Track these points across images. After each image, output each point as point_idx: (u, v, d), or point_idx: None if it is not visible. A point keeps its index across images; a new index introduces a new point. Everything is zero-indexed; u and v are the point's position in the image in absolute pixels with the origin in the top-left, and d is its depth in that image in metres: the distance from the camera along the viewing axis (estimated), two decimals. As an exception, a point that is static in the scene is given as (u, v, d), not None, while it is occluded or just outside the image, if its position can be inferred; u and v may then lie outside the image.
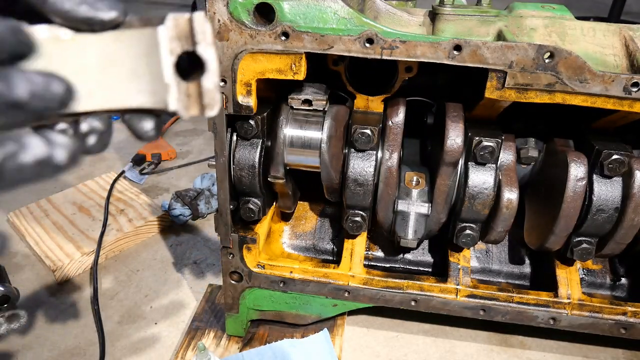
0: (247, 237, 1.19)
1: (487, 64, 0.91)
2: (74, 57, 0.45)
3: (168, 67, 0.44)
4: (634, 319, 1.17)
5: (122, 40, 0.46)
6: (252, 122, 1.07)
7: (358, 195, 1.13)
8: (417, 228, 1.12)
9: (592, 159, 1.05)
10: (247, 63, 0.97)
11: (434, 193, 1.11)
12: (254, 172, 1.12)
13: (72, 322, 1.43)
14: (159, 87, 0.45)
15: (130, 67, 0.46)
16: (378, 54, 0.93)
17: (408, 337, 1.40)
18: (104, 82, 0.46)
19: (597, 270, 1.35)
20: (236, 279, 1.25)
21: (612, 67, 1.03)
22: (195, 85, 0.44)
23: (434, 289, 1.22)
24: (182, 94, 0.44)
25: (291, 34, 0.92)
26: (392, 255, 1.41)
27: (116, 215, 1.78)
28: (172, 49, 0.44)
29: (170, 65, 0.44)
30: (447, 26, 1.07)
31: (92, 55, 0.46)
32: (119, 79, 0.46)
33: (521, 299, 1.20)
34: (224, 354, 1.31)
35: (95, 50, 0.46)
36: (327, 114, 1.12)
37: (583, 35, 1.05)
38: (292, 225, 1.46)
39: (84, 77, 0.45)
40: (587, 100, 0.93)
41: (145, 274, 1.62)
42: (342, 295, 1.24)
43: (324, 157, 1.11)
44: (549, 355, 1.34)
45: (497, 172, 1.09)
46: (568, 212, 1.04)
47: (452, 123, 1.05)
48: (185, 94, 0.44)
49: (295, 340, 1.29)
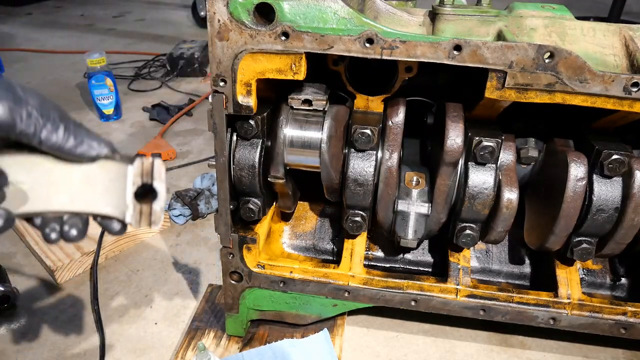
0: (247, 237, 1.19)
1: (487, 64, 0.91)
2: (63, 173, 0.66)
3: (130, 193, 0.65)
4: (634, 319, 1.17)
5: (102, 168, 0.67)
6: (252, 122, 1.07)
7: (358, 195, 1.13)
8: (417, 228, 1.12)
9: (592, 159, 1.05)
10: (247, 63, 0.97)
11: (434, 193, 1.11)
12: (254, 172, 1.12)
13: (72, 322, 1.43)
14: (122, 204, 0.66)
15: (104, 186, 0.67)
16: (378, 54, 0.93)
17: (408, 337, 1.40)
18: (84, 193, 0.67)
19: (597, 270, 1.35)
20: (236, 279, 1.25)
21: (612, 67, 1.03)
22: (147, 207, 0.66)
23: (434, 289, 1.22)
24: (137, 213, 0.65)
25: (291, 34, 0.92)
26: (392, 255, 1.41)
27: (116, 215, 1.78)
28: (135, 181, 0.65)
29: (131, 192, 0.65)
30: (447, 26, 1.07)
31: (77, 173, 0.66)
32: (94, 193, 0.67)
33: (521, 299, 1.20)
34: (224, 354, 1.31)
35: (81, 170, 0.67)
36: (327, 114, 1.12)
37: (583, 35, 1.05)
38: (292, 225, 1.46)
39: (69, 187, 0.66)
40: (587, 100, 0.93)
41: (145, 274, 1.62)
42: (342, 295, 1.24)
43: (324, 157, 1.11)
44: (549, 355, 1.34)
45: (497, 172, 1.09)
46: (568, 212, 1.04)
47: (452, 123, 1.05)
48: (138, 213, 0.65)
49: (295, 340, 1.29)
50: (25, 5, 5.50)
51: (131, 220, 0.66)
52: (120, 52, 3.81)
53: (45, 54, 3.86)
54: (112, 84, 2.63)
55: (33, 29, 4.60)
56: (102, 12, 5.29)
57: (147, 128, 2.64)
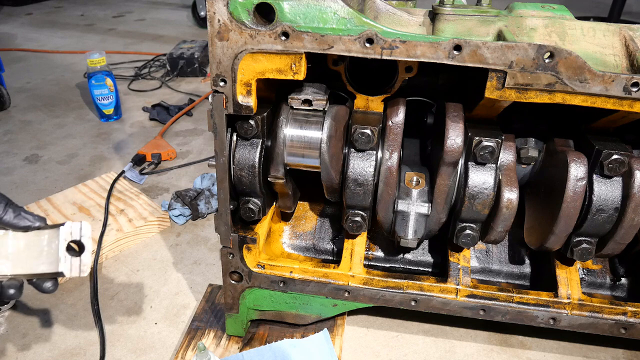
0: (247, 237, 1.19)
1: (487, 64, 0.91)
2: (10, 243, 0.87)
3: (62, 248, 0.83)
4: (634, 319, 1.17)
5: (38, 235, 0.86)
6: (252, 122, 1.07)
7: (358, 195, 1.13)
8: (417, 228, 1.12)
9: (592, 159, 1.05)
10: (247, 63, 0.97)
11: (434, 193, 1.11)
12: (254, 172, 1.12)
13: (72, 322, 1.43)
14: (54, 260, 0.83)
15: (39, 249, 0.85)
16: (378, 54, 0.93)
17: (408, 337, 1.40)
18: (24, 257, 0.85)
19: (597, 270, 1.35)
20: (236, 279, 1.25)
21: (612, 67, 1.03)
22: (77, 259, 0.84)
23: (434, 289, 1.22)
24: (68, 263, 0.82)
25: (291, 34, 0.92)
26: (392, 255, 1.41)
27: (116, 215, 1.78)
28: (66, 238, 0.83)
29: (64, 247, 0.83)
30: (447, 26, 1.07)
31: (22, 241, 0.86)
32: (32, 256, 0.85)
33: (521, 299, 1.20)
34: (224, 354, 1.31)
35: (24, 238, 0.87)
36: (327, 114, 1.12)
37: (583, 35, 1.05)
38: (292, 225, 1.46)
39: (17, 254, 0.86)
40: (587, 100, 0.93)
41: (145, 274, 1.62)
42: (342, 295, 1.24)
43: (324, 157, 1.11)
44: (549, 355, 1.35)
45: (497, 172, 1.09)
46: (568, 212, 1.04)
47: (452, 123, 1.05)
48: (70, 263, 0.82)
49: (295, 340, 1.29)
50: (25, 5, 5.51)
51: (64, 269, 0.82)
52: (120, 52, 3.81)
53: (45, 54, 3.86)
54: (112, 84, 2.63)
55: (33, 29, 4.61)
56: (102, 12, 5.29)
57: (147, 128, 2.64)
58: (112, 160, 2.32)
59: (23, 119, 2.74)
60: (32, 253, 0.86)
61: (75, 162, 2.31)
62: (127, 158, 2.31)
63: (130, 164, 2.16)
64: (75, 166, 2.27)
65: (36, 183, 2.14)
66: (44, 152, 2.40)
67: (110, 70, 2.64)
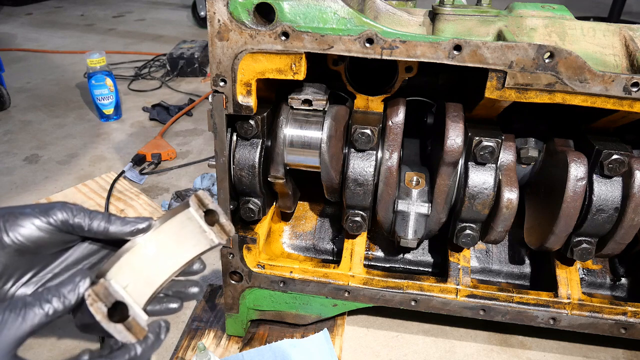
0: (247, 237, 1.19)
1: (487, 64, 0.91)
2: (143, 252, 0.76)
3: (203, 223, 0.74)
4: (634, 319, 1.17)
5: (166, 227, 0.75)
6: (252, 122, 1.07)
7: (358, 195, 1.13)
8: (417, 228, 1.12)
9: (592, 159, 1.05)
10: (247, 63, 0.97)
11: (434, 193, 1.11)
12: (254, 172, 1.12)
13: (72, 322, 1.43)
14: (202, 237, 0.75)
15: (176, 238, 0.75)
16: (378, 54, 0.93)
17: (408, 337, 1.40)
18: (167, 255, 0.76)
19: (597, 270, 1.35)
20: (236, 279, 1.25)
21: (612, 67, 1.03)
22: (217, 225, 0.75)
23: (434, 289, 1.22)
24: (217, 231, 0.74)
25: (291, 34, 0.92)
26: (392, 255, 1.41)
27: (116, 215, 1.78)
28: (200, 214, 0.73)
29: (203, 222, 0.74)
30: (447, 26, 1.07)
31: (152, 242, 0.75)
32: (173, 249, 0.76)
33: (521, 299, 1.20)
34: (224, 354, 1.30)
35: (153, 239, 0.75)
36: (327, 114, 1.12)
37: (583, 35, 1.05)
38: (292, 225, 1.46)
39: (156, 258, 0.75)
40: (587, 100, 0.93)
41: (145, 274, 1.61)
42: (342, 295, 1.24)
43: (324, 157, 1.11)
44: (549, 355, 1.34)
45: (497, 172, 1.09)
46: (568, 212, 1.04)
47: (452, 123, 1.05)
48: (216, 230, 0.74)
49: (295, 340, 1.29)
50: (25, 5, 5.51)
51: (216, 238, 0.75)
52: (120, 52, 3.81)
53: (45, 54, 3.86)
54: (112, 84, 2.63)
55: (33, 29, 4.60)
56: (102, 12, 5.29)
57: (147, 128, 2.64)
58: (112, 160, 2.32)
59: (23, 119, 2.74)
60: (180, 239, 0.75)
61: (75, 162, 2.31)
62: (127, 158, 2.31)
63: (130, 164, 2.16)
64: (75, 166, 2.27)
65: (36, 183, 2.13)
66: (44, 152, 2.40)
67: (110, 70, 2.64)
